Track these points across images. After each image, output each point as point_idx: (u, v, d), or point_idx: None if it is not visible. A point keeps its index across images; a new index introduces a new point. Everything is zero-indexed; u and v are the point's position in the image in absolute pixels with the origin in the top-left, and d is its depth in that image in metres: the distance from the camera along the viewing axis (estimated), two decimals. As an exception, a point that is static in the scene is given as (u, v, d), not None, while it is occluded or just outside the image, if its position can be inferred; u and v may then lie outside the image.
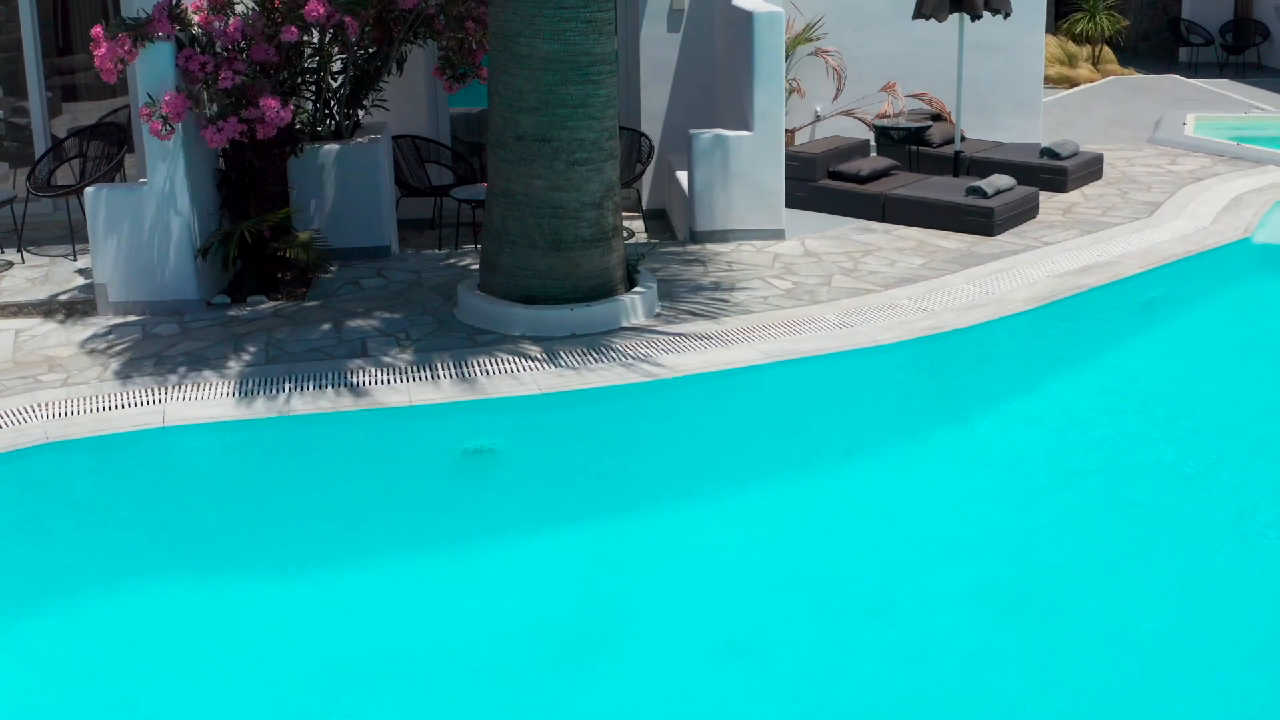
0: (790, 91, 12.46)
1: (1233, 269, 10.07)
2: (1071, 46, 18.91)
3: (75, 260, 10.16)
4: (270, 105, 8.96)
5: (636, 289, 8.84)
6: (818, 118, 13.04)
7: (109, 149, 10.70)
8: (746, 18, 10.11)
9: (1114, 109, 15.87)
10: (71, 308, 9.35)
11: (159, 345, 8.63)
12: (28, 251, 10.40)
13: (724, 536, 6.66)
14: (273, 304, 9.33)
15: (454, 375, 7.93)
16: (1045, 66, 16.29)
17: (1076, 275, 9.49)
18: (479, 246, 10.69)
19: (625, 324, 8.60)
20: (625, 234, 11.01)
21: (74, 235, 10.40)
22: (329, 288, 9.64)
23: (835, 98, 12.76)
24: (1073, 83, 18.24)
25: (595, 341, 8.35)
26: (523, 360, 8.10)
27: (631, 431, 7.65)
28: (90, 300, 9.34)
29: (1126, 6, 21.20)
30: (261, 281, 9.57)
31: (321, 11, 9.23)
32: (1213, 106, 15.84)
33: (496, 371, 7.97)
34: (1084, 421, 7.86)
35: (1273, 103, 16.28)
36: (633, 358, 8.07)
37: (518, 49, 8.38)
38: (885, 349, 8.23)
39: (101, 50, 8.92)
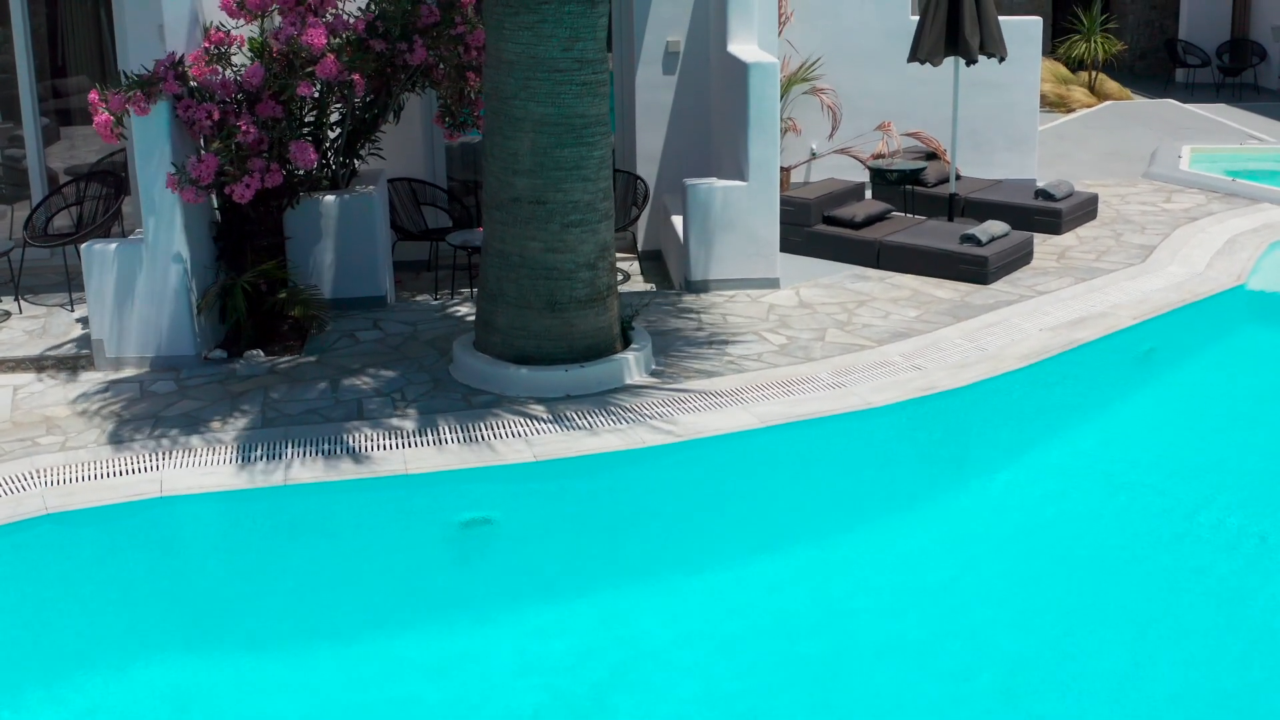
0: (786, 130, 12.51)
1: (1225, 319, 10.10)
2: (1065, 71, 18.94)
3: (73, 310, 10.20)
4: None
5: (632, 347, 8.88)
6: (814, 155, 13.08)
7: (106, 194, 10.73)
8: (742, 68, 10.14)
9: (1110, 139, 15.90)
10: (68, 363, 9.39)
11: (156, 405, 8.67)
12: (25, 300, 10.44)
13: (718, 610, 6.71)
14: (269, 359, 9.37)
15: (450, 440, 7.97)
16: (1041, 85, 16.38)
17: (1070, 329, 9.53)
18: (474, 291, 10.76)
19: (620, 384, 8.63)
20: (621, 277, 11.07)
21: (70, 283, 10.44)
22: (325, 341, 9.67)
23: (831, 135, 12.80)
24: (1069, 106, 18.28)
25: (590, 404, 8.39)
26: (518, 424, 8.13)
27: (625, 502, 7.68)
28: (87, 355, 9.38)
29: (1123, 26, 21.25)
30: (258, 335, 9.61)
31: (335, 70, 9.26)
32: (1209, 135, 15.87)
33: (492, 436, 8.00)
34: (1077, 486, 7.91)
35: (1269, 129, 16.32)
36: (627, 422, 8.11)
37: (513, 112, 8.41)
38: (878, 412, 8.25)
39: (101, 118, 8.97)
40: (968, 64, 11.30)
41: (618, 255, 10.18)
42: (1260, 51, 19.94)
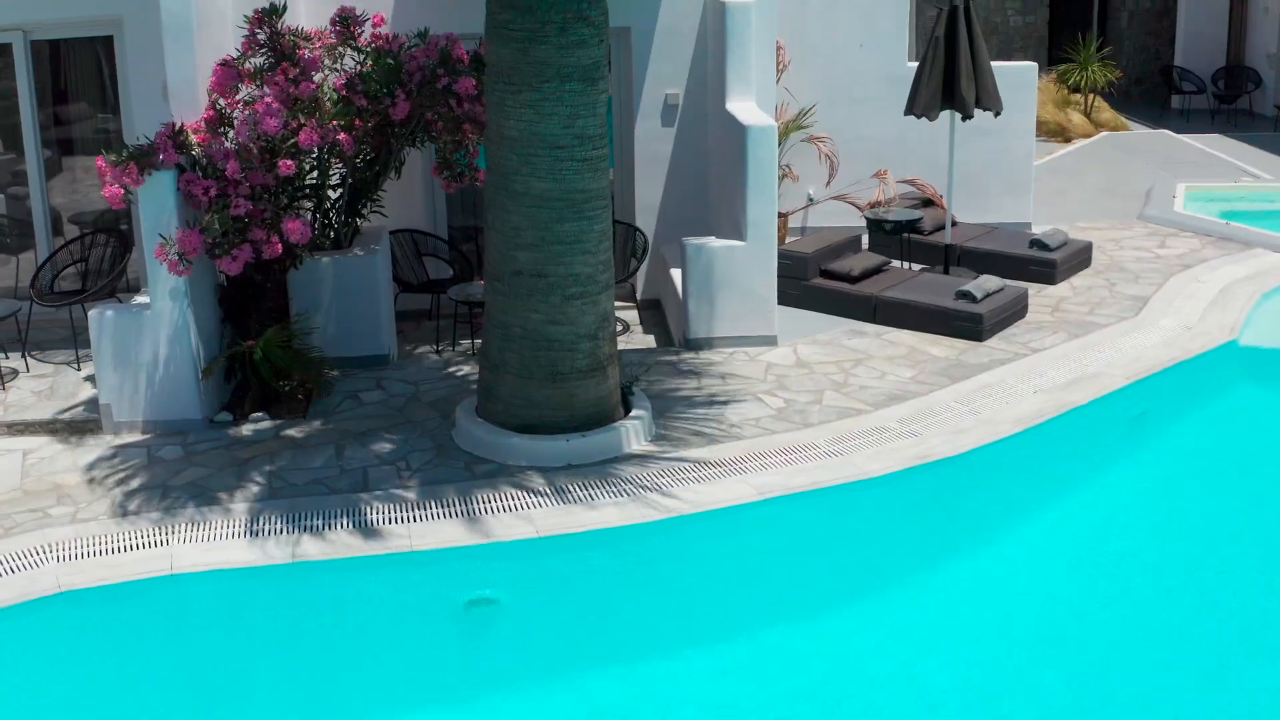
0: (783, 176, 12.64)
1: (1217, 379, 10.23)
2: (1065, 93, 19.04)
3: (79, 369, 10.33)
4: (293, 228, 9.13)
5: (632, 415, 9.01)
6: (811, 202, 13.21)
7: (112, 249, 10.84)
8: (741, 130, 10.26)
9: (1105, 174, 16.02)
10: (77, 426, 9.52)
11: (164, 473, 8.80)
12: (32, 357, 10.57)
13: (723, 688, 6.85)
14: (274, 422, 9.50)
15: (454, 513, 8.10)
16: (1040, 110, 16.47)
17: (1064, 390, 9.66)
18: (474, 342, 10.90)
19: (621, 452, 8.77)
20: (620, 328, 11.21)
21: (77, 339, 10.56)
22: (329, 402, 9.81)
23: (828, 183, 12.93)
24: (1066, 134, 18.40)
25: (592, 473, 8.53)
26: (520, 496, 8.27)
27: (628, 580, 7.81)
28: (96, 419, 9.51)
29: (1119, 51, 21.35)
30: (263, 397, 9.73)
31: (315, 139, 9.39)
32: (1204, 170, 16.00)
33: (495, 509, 8.14)
34: (1072, 559, 8.04)
35: (1263, 162, 16.45)
36: (628, 494, 8.24)
37: (514, 187, 8.54)
38: (874, 482, 8.39)
39: (111, 189, 9.09)
40: (964, 119, 11.42)
41: (617, 304, 10.30)
42: (1255, 78, 20.06)
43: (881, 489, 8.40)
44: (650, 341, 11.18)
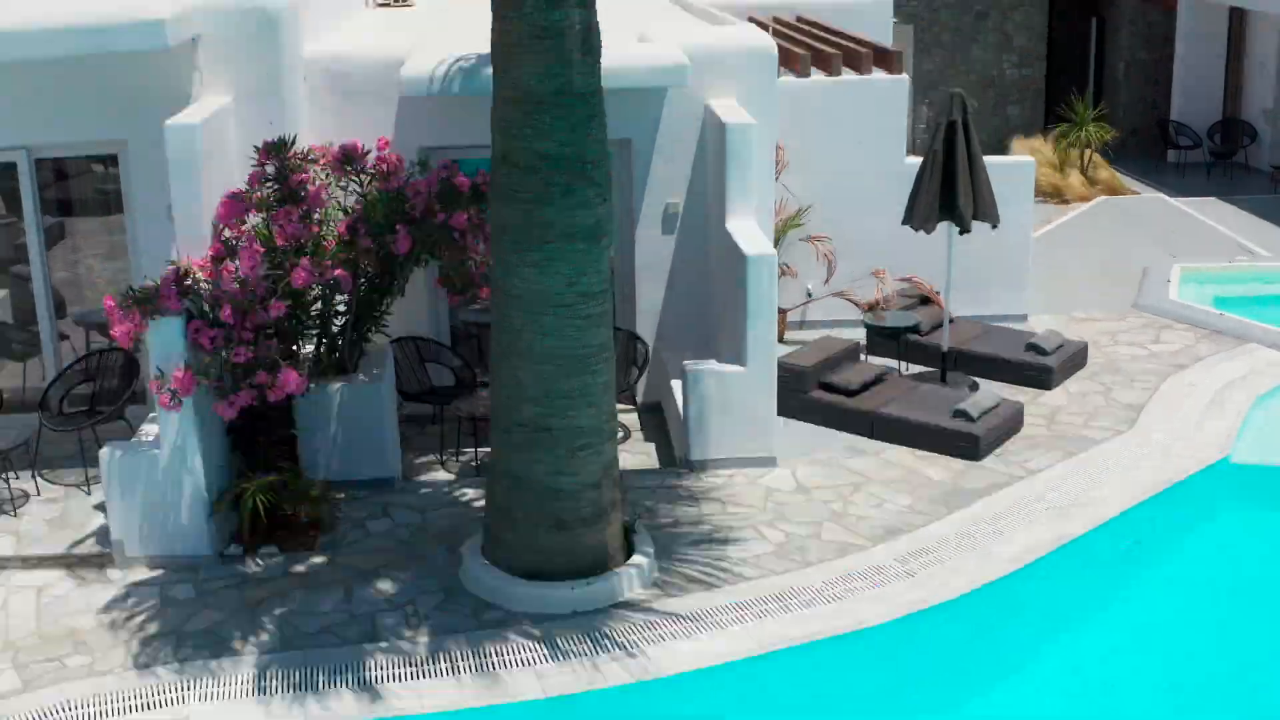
0: (781, 274, 12.77)
1: (1212, 503, 10.40)
2: (1061, 153, 19.13)
3: (89, 493, 10.48)
4: (289, 379, 9.27)
5: (633, 561, 9.18)
6: (809, 297, 13.36)
7: (121, 363, 10.97)
8: (741, 258, 10.39)
9: (1102, 250, 16.16)
10: (90, 561, 9.68)
11: (178, 617, 8.97)
12: (42, 478, 10.72)
13: None
14: (283, 556, 9.66)
15: (462, 669, 8.28)
16: (1037, 172, 16.57)
17: (1059, 519, 9.84)
18: (478, 452, 11.06)
19: (625, 598, 8.95)
20: (621, 434, 11.36)
21: (85, 457, 10.70)
22: (337, 533, 9.97)
23: (826, 281, 13.07)
24: (1063, 195, 18.52)
25: (596, 623, 8.70)
26: (527, 650, 8.44)
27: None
28: (108, 554, 9.68)
29: (1115, 104, 21.43)
30: (273, 526, 9.89)
31: (305, 278, 9.54)
32: (1200, 243, 16.16)
33: (502, 664, 8.32)
34: (1071, 704, 8.20)
35: (1260, 233, 16.56)
36: (631, 647, 8.44)
37: (518, 344, 8.69)
38: (872, 632, 8.57)
39: (120, 330, 9.24)
40: (961, 233, 11.54)
41: (618, 408, 10.37)
42: (1251, 132, 20.17)
43: (880, 639, 8.56)
44: (651, 451, 11.35)
